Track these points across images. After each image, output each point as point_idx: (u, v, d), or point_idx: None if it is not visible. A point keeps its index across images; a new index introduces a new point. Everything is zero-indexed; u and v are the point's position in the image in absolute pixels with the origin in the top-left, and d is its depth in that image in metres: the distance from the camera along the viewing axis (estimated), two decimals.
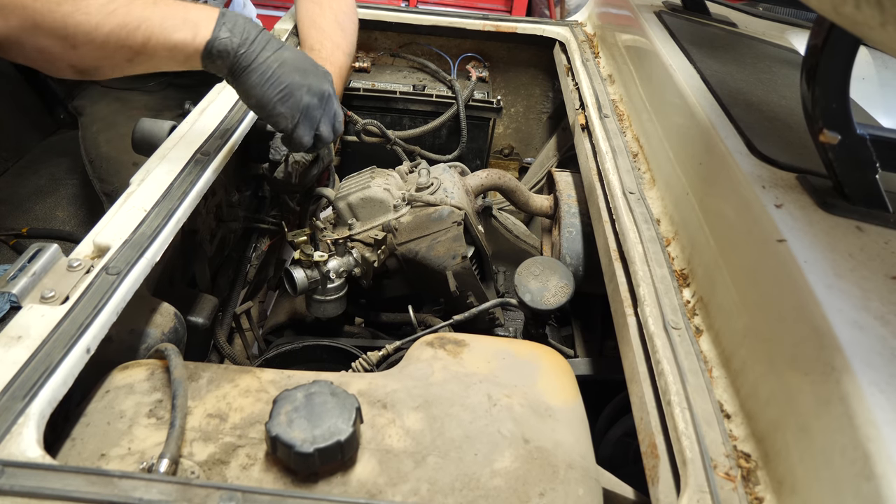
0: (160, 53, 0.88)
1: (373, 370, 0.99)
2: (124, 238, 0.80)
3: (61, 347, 0.64)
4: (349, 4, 1.47)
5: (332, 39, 1.36)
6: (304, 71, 0.94)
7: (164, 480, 0.55)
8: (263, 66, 0.89)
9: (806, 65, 0.72)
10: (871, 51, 1.49)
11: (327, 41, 1.35)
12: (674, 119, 1.05)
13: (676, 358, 0.71)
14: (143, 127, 1.10)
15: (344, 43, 1.38)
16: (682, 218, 0.92)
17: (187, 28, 0.87)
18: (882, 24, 0.45)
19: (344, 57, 1.36)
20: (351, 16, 1.46)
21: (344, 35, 1.40)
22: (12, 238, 1.56)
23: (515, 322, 1.35)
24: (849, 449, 0.51)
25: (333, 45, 1.35)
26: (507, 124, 1.92)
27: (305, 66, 0.94)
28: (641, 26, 1.33)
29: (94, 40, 0.85)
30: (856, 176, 0.74)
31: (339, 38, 1.38)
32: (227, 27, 0.88)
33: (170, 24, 0.87)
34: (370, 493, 0.61)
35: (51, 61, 0.90)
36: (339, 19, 1.41)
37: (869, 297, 0.62)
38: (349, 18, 1.45)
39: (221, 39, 0.87)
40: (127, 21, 0.85)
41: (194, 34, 0.87)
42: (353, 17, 1.47)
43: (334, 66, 1.30)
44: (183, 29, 0.87)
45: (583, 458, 0.68)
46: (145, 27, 0.86)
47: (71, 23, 0.84)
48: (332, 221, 1.24)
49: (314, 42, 1.35)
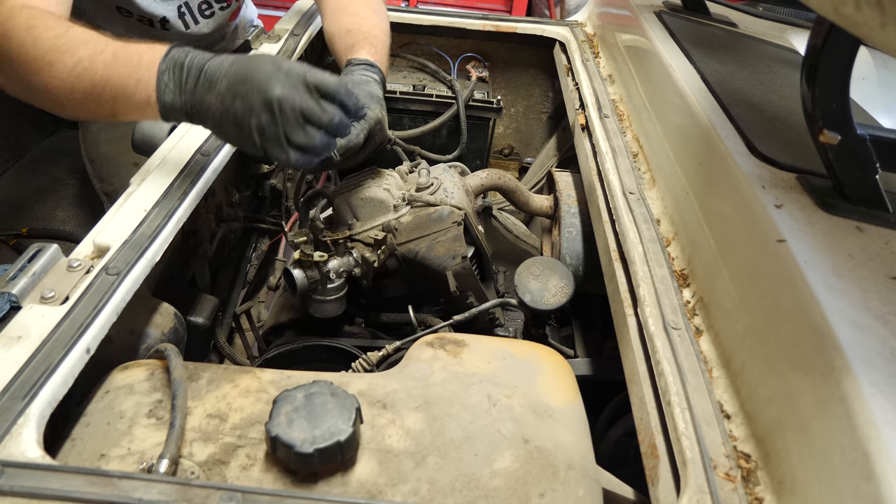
0: (132, 113, 0.88)
1: (373, 370, 0.99)
2: (124, 238, 0.80)
3: (61, 347, 0.64)
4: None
5: (368, 20, 1.29)
6: (245, 93, 0.83)
7: (163, 481, 0.55)
8: (209, 112, 0.85)
9: (806, 65, 0.72)
10: (871, 51, 1.49)
11: (364, 21, 1.28)
12: (674, 119, 1.05)
13: (676, 358, 0.71)
14: (143, 127, 1.10)
15: (380, 22, 1.32)
16: (682, 218, 0.92)
17: (140, 90, 0.85)
18: (882, 25, 0.45)
19: (382, 35, 1.29)
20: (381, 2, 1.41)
21: (379, 17, 1.33)
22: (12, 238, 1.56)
23: (515, 322, 1.35)
24: (849, 449, 0.51)
25: (371, 24, 1.28)
26: (507, 124, 1.92)
27: (247, 78, 0.83)
28: (641, 26, 1.33)
29: (73, 101, 0.88)
30: (856, 176, 0.74)
31: (375, 19, 1.31)
32: (170, 87, 0.85)
33: (129, 85, 0.86)
34: (370, 494, 0.61)
35: (53, 112, 0.94)
36: (372, 5, 1.35)
37: (869, 297, 0.62)
38: (380, 3, 1.39)
39: (166, 102, 0.85)
40: (94, 83, 0.86)
41: (147, 95, 0.85)
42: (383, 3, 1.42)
43: (373, 44, 1.23)
44: (137, 91, 0.85)
45: (583, 459, 0.68)
46: (109, 89, 0.86)
47: (51, 88, 0.87)
48: (331, 221, 1.24)
49: (350, 24, 1.28)
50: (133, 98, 0.86)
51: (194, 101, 0.85)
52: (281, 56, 0.90)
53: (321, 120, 0.85)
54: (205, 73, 0.84)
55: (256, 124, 0.83)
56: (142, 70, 0.85)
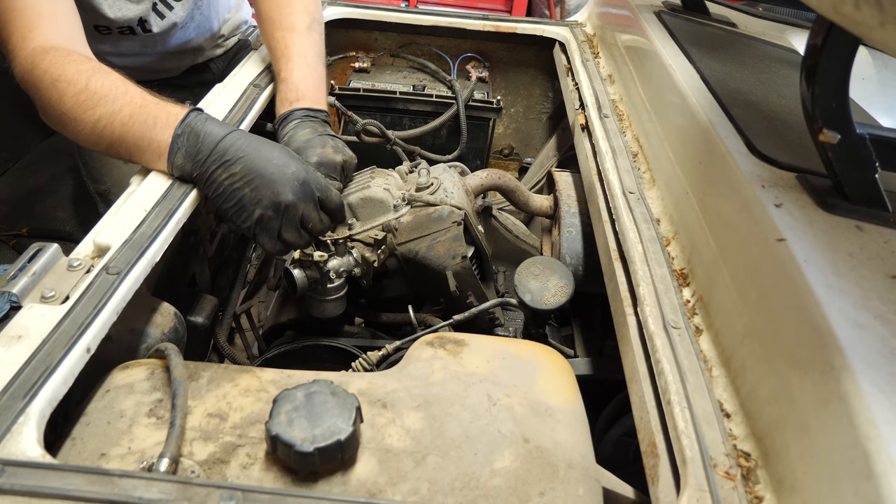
0: (146, 164, 0.95)
1: (373, 370, 0.99)
2: (124, 238, 0.80)
3: (61, 347, 0.64)
4: None
5: (297, 50, 1.20)
6: (258, 185, 0.89)
7: (164, 479, 0.55)
8: (215, 185, 0.91)
9: (805, 64, 0.72)
10: (870, 51, 1.49)
11: (295, 56, 1.19)
12: (674, 119, 1.05)
13: (676, 357, 0.71)
14: None
15: (311, 46, 1.22)
16: (681, 217, 0.92)
17: (152, 150, 0.93)
18: (881, 24, 0.45)
19: (312, 73, 1.20)
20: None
21: (309, 33, 1.24)
22: (12, 238, 1.56)
23: (515, 322, 1.35)
24: (848, 448, 0.51)
25: (299, 56, 1.19)
26: (507, 124, 1.92)
27: (263, 172, 0.90)
28: (641, 26, 1.33)
29: (99, 150, 0.97)
30: (855, 175, 0.74)
31: (304, 44, 1.21)
32: (181, 152, 0.91)
33: (143, 145, 0.93)
34: (370, 493, 0.61)
35: None
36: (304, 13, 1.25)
37: (869, 296, 0.62)
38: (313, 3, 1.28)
39: (176, 164, 0.92)
40: (112, 141, 0.94)
41: (159, 155, 0.92)
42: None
43: (307, 89, 1.17)
44: (149, 151, 0.93)
45: (583, 458, 0.68)
46: (125, 147, 0.94)
47: (78, 138, 0.96)
48: None
49: (280, 55, 1.21)
50: (146, 154, 0.93)
51: (202, 171, 0.91)
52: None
53: (315, 229, 0.96)
54: (217, 149, 0.90)
55: (258, 215, 0.91)
56: (157, 131, 0.92)
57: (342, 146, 1.12)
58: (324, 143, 1.09)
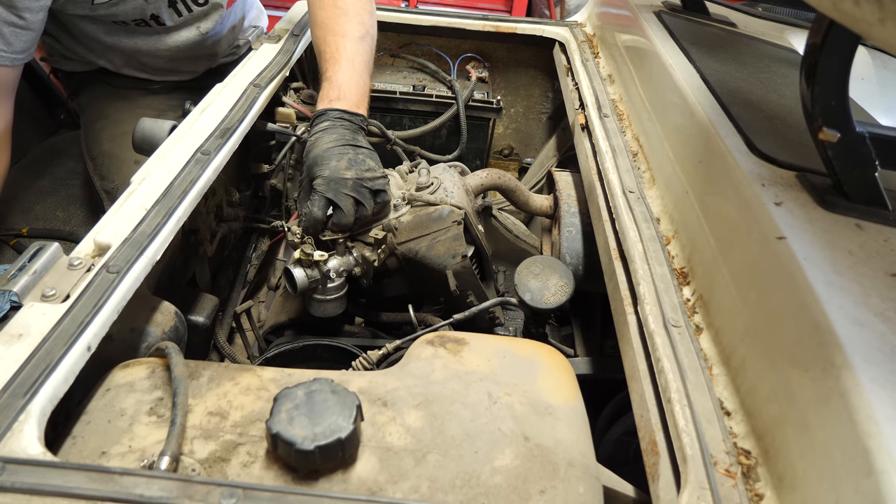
0: None
1: (373, 369, 0.99)
2: (125, 237, 0.80)
3: (62, 345, 0.64)
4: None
5: (346, 55, 1.22)
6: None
7: (164, 477, 0.55)
8: None
9: (805, 63, 0.72)
10: (870, 50, 1.49)
11: (343, 60, 1.21)
12: (673, 118, 1.06)
13: (676, 356, 0.71)
14: (143, 127, 1.11)
15: (361, 54, 1.24)
16: (681, 216, 0.92)
17: None
18: (881, 21, 0.45)
19: (358, 77, 1.21)
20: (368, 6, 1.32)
21: (361, 42, 1.25)
22: (12, 238, 1.56)
23: (515, 321, 1.35)
24: (848, 445, 0.51)
25: (347, 60, 1.21)
26: (507, 124, 1.92)
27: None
28: (641, 26, 1.33)
29: None
30: (855, 174, 0.74)
31: (354, 50, 1.23)
32: None
33: None
34: (371, 491, 0.61)
35: None
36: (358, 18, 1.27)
37: (868, 293, 0.62)
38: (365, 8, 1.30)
39: None
40: None
41: None
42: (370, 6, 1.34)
43: (350, 91, 1.18)
44: None
45: (583, 456, 0.68)
46: None
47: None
48: None
49: (329, 57, 1.23)
50: None
51: None
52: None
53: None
54: None
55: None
56: None
57: (362, 159, 1.09)
58: (340, 155, 1.07)
